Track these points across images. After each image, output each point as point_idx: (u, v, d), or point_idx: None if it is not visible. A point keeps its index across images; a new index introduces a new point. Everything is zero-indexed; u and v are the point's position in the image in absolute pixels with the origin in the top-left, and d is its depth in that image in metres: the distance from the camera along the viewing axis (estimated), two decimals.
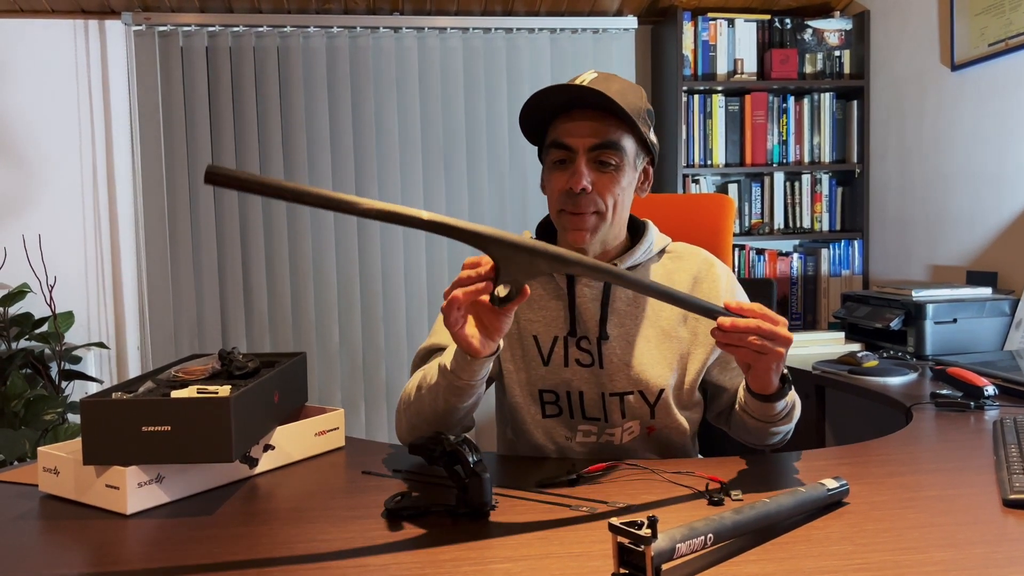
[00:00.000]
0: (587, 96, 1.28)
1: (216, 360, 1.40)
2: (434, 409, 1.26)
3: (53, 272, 3.11)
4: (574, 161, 1.31)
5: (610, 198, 1.33)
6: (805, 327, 3.37)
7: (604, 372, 1.39)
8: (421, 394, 1.29)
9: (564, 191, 1.32)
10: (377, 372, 3.28)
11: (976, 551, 0.94)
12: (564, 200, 1.33)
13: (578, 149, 1.31)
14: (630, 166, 1.34)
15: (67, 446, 1.23)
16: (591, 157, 1.31)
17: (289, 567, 0.93)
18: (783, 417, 1.28)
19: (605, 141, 1.30)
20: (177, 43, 3.11)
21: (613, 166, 1.32)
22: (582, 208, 1.32)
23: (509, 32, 3.28)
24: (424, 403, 1.28)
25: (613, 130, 1.31)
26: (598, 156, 1.31)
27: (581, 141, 1.30)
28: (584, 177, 1.30)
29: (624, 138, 1.32)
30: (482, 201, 3.32)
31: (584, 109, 1.31)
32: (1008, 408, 1.68)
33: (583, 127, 1.30)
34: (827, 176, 3.42)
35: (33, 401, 2.77)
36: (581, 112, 1.31)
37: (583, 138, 1.30)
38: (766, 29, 3.33)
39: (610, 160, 1.31)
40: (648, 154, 1.39)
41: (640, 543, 0.84)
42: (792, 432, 1.39)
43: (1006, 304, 2.43)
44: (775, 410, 1.26)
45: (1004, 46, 2.55)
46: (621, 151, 1.32)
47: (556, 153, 1.33)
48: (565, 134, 1.32)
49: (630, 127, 1.31)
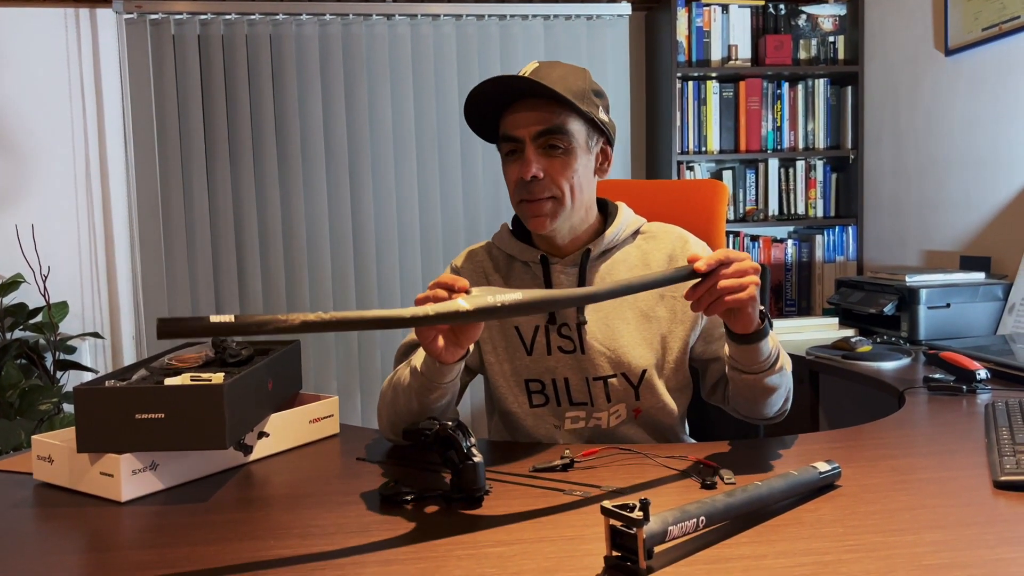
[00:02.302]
0: (523, 86, 1.30)
1: (210, 348, 1.40)
2: (409, 408, 1.27)
3: (47, 262, 3.10)
4: (523, 151, 1.33)
5: (564, 183, 1.33)
6: (799, 313, 3.38)
7: (586, 357, 1.39)
8: (396, 394, 1.31)
9: (518, 181, 1.34)
10: (372, 360, 3.28)
11: (967, 532, 0.95)
12: (520, 190, 1.35)
13: (524, 138, 1.32)
14: (581, 148, 1.35)
15: (61, 434, 1.23)
16: (538, 144, 1.32)
17: (284, 553, 0.94)
18: (772, 363, 1.27)
19: (550, 127, 1.31)
20: (169, 31, 3.09)
21: (562, 150, 1.33)
22: (536, 194, 1.33)
23: (503, 19, 3.27)
24: (399, 403, 1.30)
25: (557, 115, 1.32)
26: (545, 142, 1.32)
27: (526, 130, 1.32)
28: (533, 164, 1.31)
29: (570, 121, 1.33)
30: (477, 187, 3.31)
31: (526, 99, 1.33)
32: (1000, 391, 1.68)
33: (526, 117, 1.32)
34: (821, 162, 3.41)
35: (28, 391, 2.77)
36: (523, 103, 1.33)
37: (527, 127, 1.32)
38: (760, 15, 3.32)
39: (558, 144, 1.32)
40: (602, 135, 1.39)
41: (632, 526, 0.84)
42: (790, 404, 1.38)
43: (999, 289, 2.44)
44: (762, 354, 1.25)
45: (998, 30, 2.55)
46: (568, 135, 1.32)
47: (506, 145, 1.36)
48: (511, 126, 1.34)
49: (574, 110, 1.32)
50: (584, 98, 1.33)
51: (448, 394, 1.26)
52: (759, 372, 1.27)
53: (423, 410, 1.25)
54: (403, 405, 1.28)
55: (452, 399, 1.30)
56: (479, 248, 1.52)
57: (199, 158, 3.13)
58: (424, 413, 1.25)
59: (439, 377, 1.21)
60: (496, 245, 1.49)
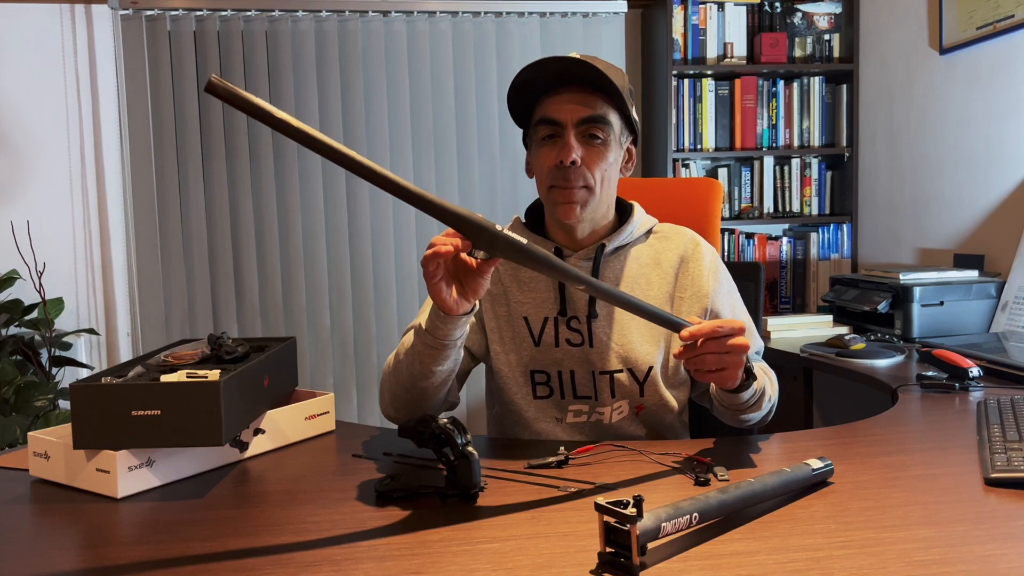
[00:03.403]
0: (575, 71, 1.30)
1: (206, 345, 1.40)
2: (411, 373, 1.26)
3: (42, 258, 3.09)
4: (563, 135, 1.33)
5: (598, 172, 1.34)
6: (794, 310, 3.39)
7: (594, 351, 1.40)
8: (399, 359, 1.30)
9: (554, 166, 1.33)
10: (368, 357, 3.28)
11: (958, 528, 0.95)
12: (554, 175, 1.34)
13: (567, 122, 1.32)
14: (616, 142, 1.36)
15: (57, 431, 1.23)
16: (580, 131, 1.33)
17: (279, 549, 0.94)
18: (751, 405, 1.30)
19: (594, 115, 1.32)
20: (165, 27, 3.08)
21: (600, 140, 1.34)
22: (572, 182, 1.33)
23: (499, 16, 3.27)
24: (402, 368, 1.28)
25: (600, 104, 1.33)
26: (587, 130, 1.33)
27: (570, 115, 1.32)
28: (574, 150, 1.31)
29: (611, 113, 1.34)
30: (472, 185, 3.31)
31: (571, 86, 1.33)
32: (992, 389, 1.69)
33: (572, 100, 1.32)
34: (816, 160, 3.42)
35: (23, 387, 2.77)
36: (568, 88, 1.33)
37: (571, 112, 1.32)
38: (756, 13, 3.33)
39: (598, 134, 1.33)
40: (631, 133, 1.41)
41: (626, 522, 0.85)
42: (773, 413, 1.40)
43: (992, 287, 2.45)
44: (741, 400, 1.27)
45: (992, 29, 2.56)
46: (608, 126, 1.34)
47: (545, 129, 1.35)
48: (554, 110, 1.33)
49: (616, 103, 1.33)
50: (625, 92, 1.34)
51: (450, 360, 1.24)
52: (736, 410, 1.31)
53: (424, 376, 1.24)
54: (405, 369, 1.27)
55: (453, 371, 1.28)
56: None
57: (195, 154, 3.13)
58: (425, 381, 1.24)
59: (444, 332, 1.18)
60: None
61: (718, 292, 1.43)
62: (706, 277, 1.42)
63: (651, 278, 1.43)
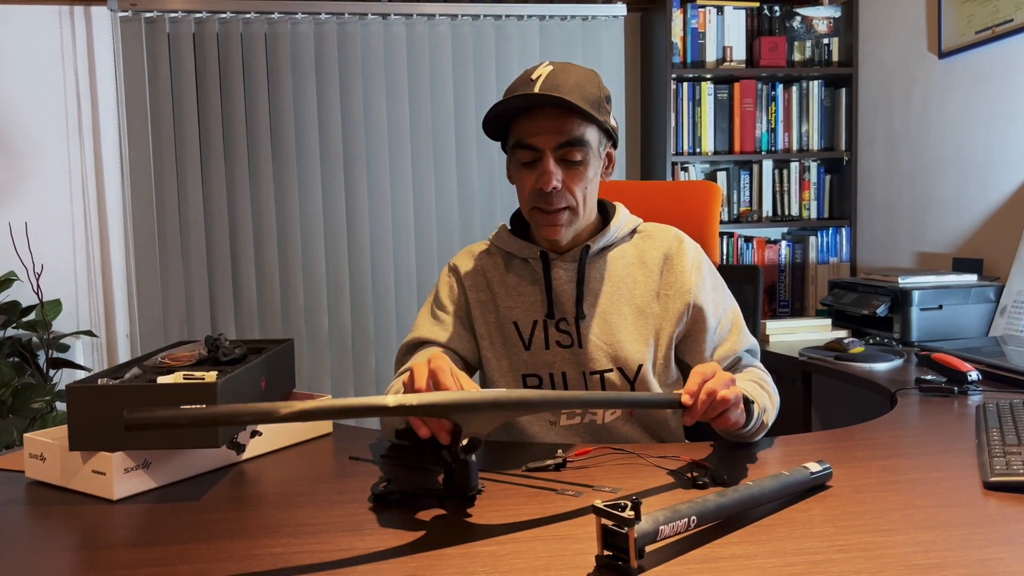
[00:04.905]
0: (546, 102, 1.29)
1: (203, 346, 1.40)
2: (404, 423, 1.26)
3: (40, 260, 3.09)
4: (542, 161, 1.32)
5: (579, 192, 1.35)
6: (793, 314, 3.39)
7: (583, 352, 1.40)
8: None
9: (533, 190, 1.34)
10: (366, 360, 3.28)
11: (956, 532, 0.95)
12: (536, 198, 1.35)
13: (544, 148, 1.32)
14: (595, 156, 1.36)
15: (53, 432, 1.23)
16: (557, 155, 1.32)
17: (276, 551, 0.94)
18: (751, 433, 1.28)
19: (570, 139, 1.31)
20: (164, 29, 3.08)
21: (579, 161, 1.33)
22: (554, 204, 1.34)
23: (498, 19, 3.27)
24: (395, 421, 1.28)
25: (576, 126, 1.32)
26: (564, 154, 1.32)
27: (546, 140, 1.31)
28: (554, 177, 1.31)
29: (588, 131, 1.33)
30: (471, 188, 3.31)
31: (544, 108, 1.31)
32: (991, 393, 1.69)
33: (546, 126, 1.31)
34: (815, 164, 3.42)
35: (21, 389, 2.76)
36: (542, 111, 1.31)
37: (548, 137, 1.31)
38: (755, 17, 3.33)
39: (576, 157, 1.33)
40: (610, 139, 1.40)
41: (624, 525, 0.84)
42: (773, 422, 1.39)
43: (991, 291, 2.45)
44: (743, 433, 1.26)
45: (991, 33, 2.56)
46: (586, 146, 1.33)
47: (523, 154, 1.34)
48: (529, 134, 1.32)
49: (591, 120, 1.32)
50: (599, 106, 1.33)
51: None
52: (741, 440, 1.31)
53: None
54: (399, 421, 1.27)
55: None
56: (477, 247, 1.53)
57: (193, 156, 3.13)
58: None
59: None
60: (495, 244, 1.50)
61: (700, 288, 1.42)
62: (688, 272, 1.42)
63: (636, 277, 1.43)
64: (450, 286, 1.50)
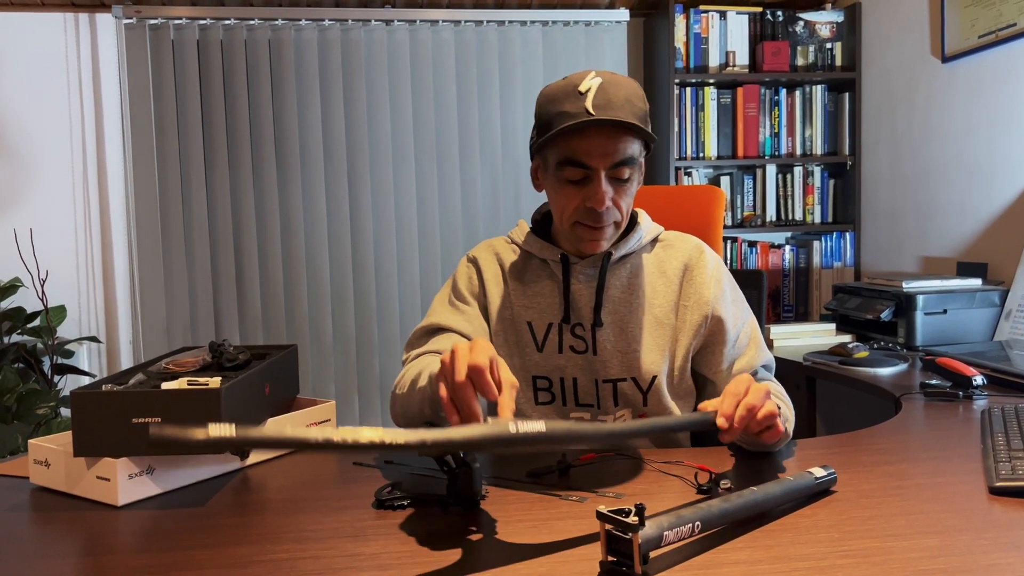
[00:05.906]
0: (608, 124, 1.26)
1: (207, 352, 1.40)
2: (420, 413, 1.26)
3: (45, 266, 3.10)
4: (592, 179, 1.30)
5: (624, 206, 1.35)
6: (797, 319, 3.38)
7: (597, 359, 1.39)
8: (413, 391, 1.28)
9: (583, 208, 1.32)
10: (371, 365, 3.28)
11: (962, 538, 0.95)
12: (582, 214, 1.33)
13: (598, 167, 1.30)
14: (639, 171, 1.36)
15: (58, 438, 1.23)
16: (609, 175, 1.31)
17: (280, 557, 0.94)
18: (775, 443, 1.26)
19: (624, 159, 1.30)
20: (168, 36, 3.09)
21: (628, 179, 1.33)
22: (603, 222, 1.33)
23: (501, 25, 3.28)
24: (413, 402, 1.28)
25: (628, 144, 1.30)
26: (615, 173, 1.31)
27: (600, 160, 1.29)
28: (607, 196, 1.30)
29: (637, 149, 1.32)
30: (475, 193, 3.31)
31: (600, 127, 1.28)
32: (996, 397, 1.69)
33: (600, 145, 1.28)
34: (819, 168, 3.42)
35: (25, 395, 2.77)
36: (597, 129, 1.28)
37: (602, 157, 1.29)
38: (758, 21, 3.33)
39: (625, 175, 1.32)
40: (647, 148, 1.40)
41: (628, 530, 0.84)
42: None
43: (996, 295, 2.44)
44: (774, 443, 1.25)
45: (994, 38, 2.56)
46: (635, 163, 1.33)
47: (573, 172, 1.31)
48: (583, 154, 1.29)
49: (640, 136, 1.31)
50: (647, 121, 1.32)
51: None
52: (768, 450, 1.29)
53: (435, 420, 1.25)
54: (415, 408, 1.27)
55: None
56: (497, 242, 1.53)
57: (198, 163, 3.13)
58: (437, 417, 1.24)
59: None
60: (514, 241, 1.49)
61: (720, 300, 1.42)
62: (708, 284, 1.41)
63: (656, 286, 1.43)
64: (469, 276, 1.49)
